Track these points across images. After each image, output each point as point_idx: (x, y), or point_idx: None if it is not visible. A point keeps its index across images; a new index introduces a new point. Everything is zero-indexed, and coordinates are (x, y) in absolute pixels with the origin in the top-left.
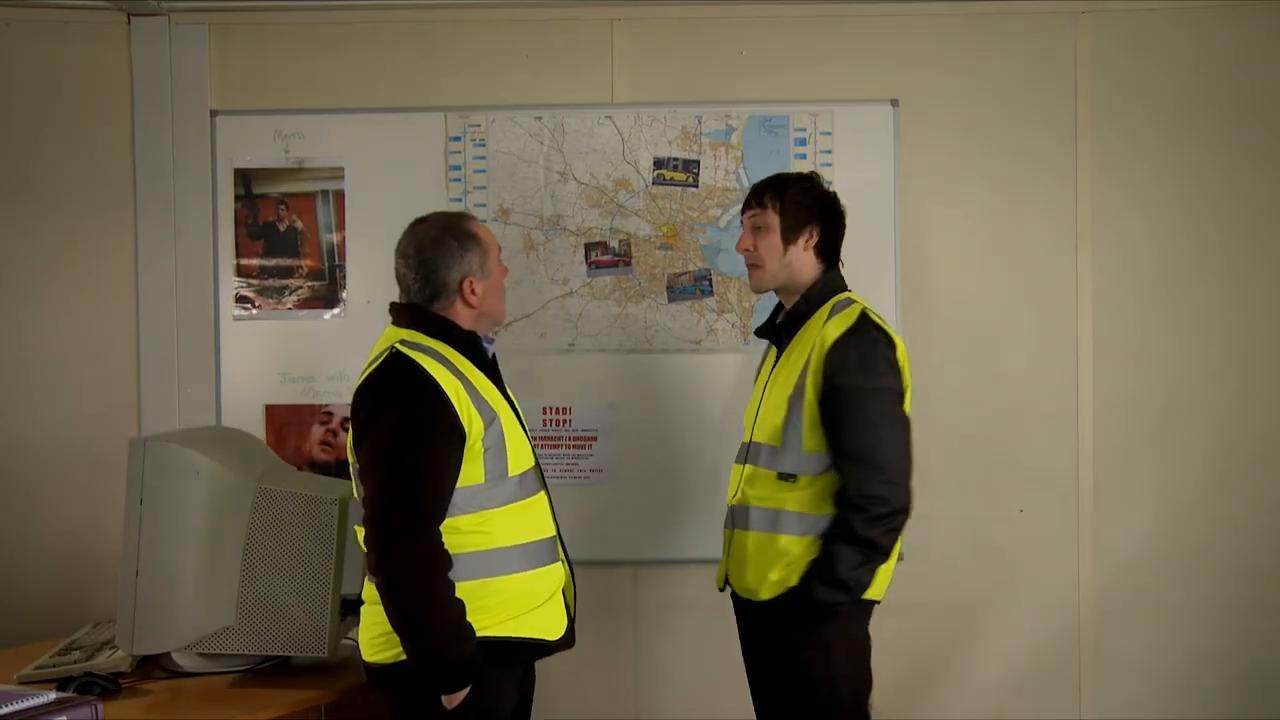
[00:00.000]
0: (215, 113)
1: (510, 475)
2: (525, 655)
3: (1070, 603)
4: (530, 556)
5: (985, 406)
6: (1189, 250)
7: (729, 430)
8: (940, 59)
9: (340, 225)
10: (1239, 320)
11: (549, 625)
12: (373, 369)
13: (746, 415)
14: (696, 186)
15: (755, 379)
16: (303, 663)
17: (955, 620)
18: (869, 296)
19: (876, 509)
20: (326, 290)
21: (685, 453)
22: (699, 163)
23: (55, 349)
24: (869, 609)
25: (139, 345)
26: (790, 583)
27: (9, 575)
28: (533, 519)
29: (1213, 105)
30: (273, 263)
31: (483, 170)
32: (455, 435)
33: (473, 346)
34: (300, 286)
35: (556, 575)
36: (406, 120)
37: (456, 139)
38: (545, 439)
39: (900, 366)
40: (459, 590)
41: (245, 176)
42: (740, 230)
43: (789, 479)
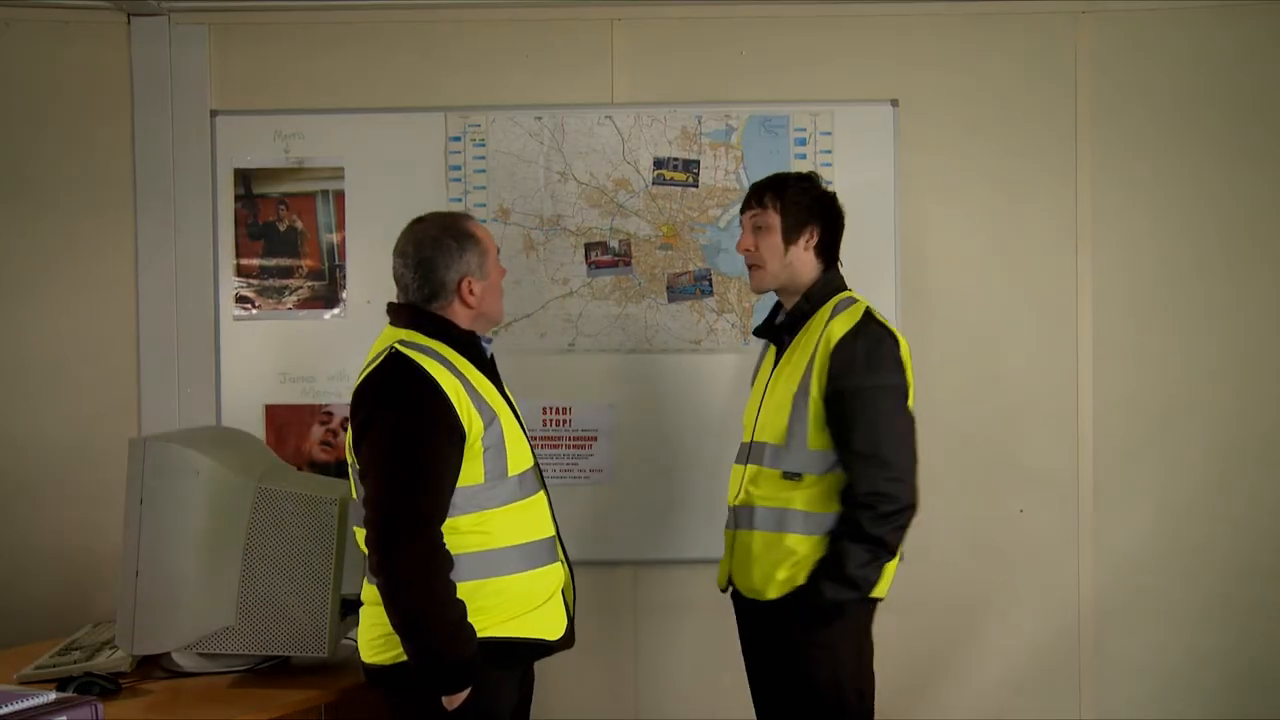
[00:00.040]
0: (215, 113)
1: (510, 475)
2: (525, 655)
3: (1070, 603)
4: (530, 557)
5: (985, 406)
6: (1189, 250)
7: (729, 430)
8: (940, 59)
9: (340, 225)
10: (1239, 320)
11: (549, 625)
12: (372, 369)
13: (746, 415)
14: (696, 186)
15: (753, 379)
16: (303, 663)
17: (955, 620)
18: (869, 296)
19: (884, 506)
20: (326, 290)
21: (685, 453)
22: (699, 163)
23: (55, 349)
24: (873, 608)
25: (139, 345)
26: (798, 581)
27: (9, 575)
28: (532, 519)
29: (1213, 105)
30: (273, 263)
31: (483, 170)
32: (455, 435)
33: (471, 346)
34: (300, 286)
35: (556, 575)
36: (406, 120)
37: (456, 139)
38: (545, 439)
39: (904, 364)
40: (459, 591)
41: (245, 176)
42: (740, 230)
43: (794, 478)
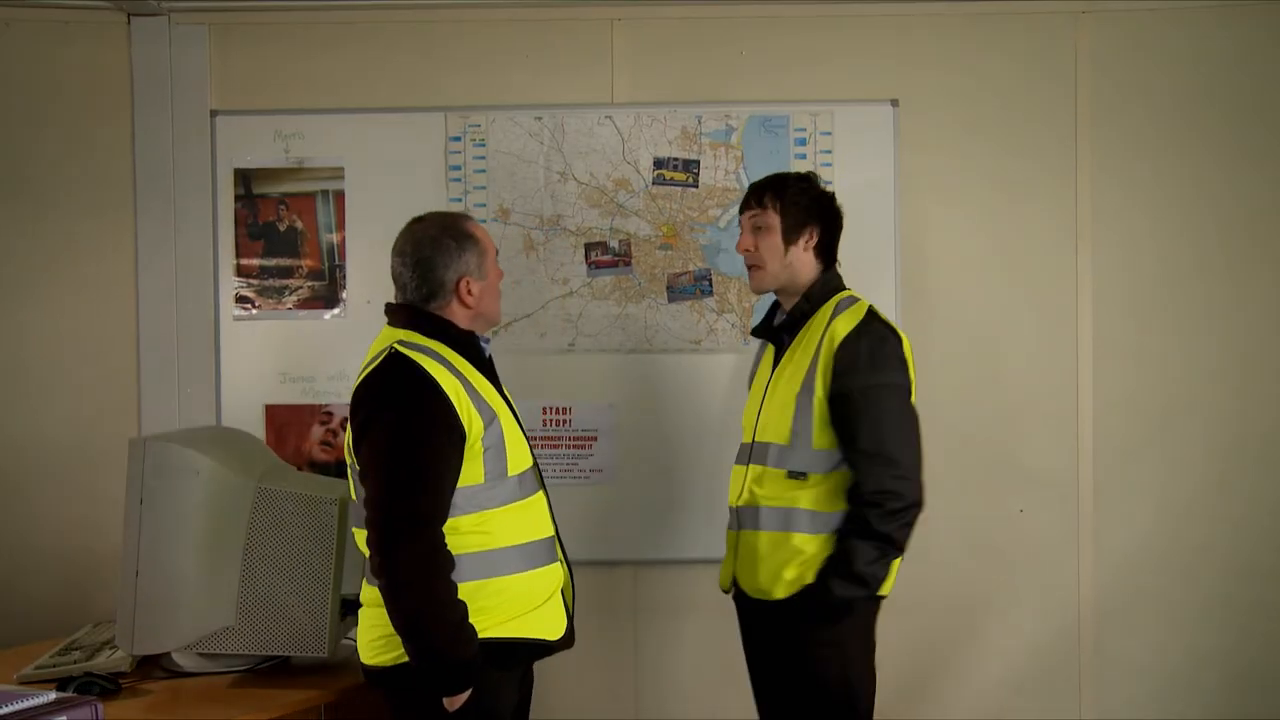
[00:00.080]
0: (215, 113)
1: (510, 475)
2: (525, 656)
3: (1070, 603)
4: (529, 557)
5: (985, 406)
6: (1189, 250)
7: (729, 430)
8: (940, 59)
9: (340, 225)
10: (1239, 320)
11: (549, 625)
12: (371, 369)
13: (746, 416)
14: (696, 186)
15: (750, 380)
16: (303, 663)
17: (955, 620)
18: (869, 296)
19: (891, 504)
20: (326, 290)
21: (685, 453)
22: (699, 163)
23: (55, 349)
24: (878, 606)
25: (139, 345)
26: (806, 580)
27: (9, 575)
28: (532, 519)
29: (1213, 105)
30: (273, 263)
31: (483, 170)
32: (455, 435)
33: (470, 346)
34: (300, 286)
35: (555, 575)
36: (406, 120)
37: (456, 139)
38: (545, 439)
39: (907, 362)
40: (460, 591)
41: (245, 176)
42: (739, 230)
43: (799, 477)
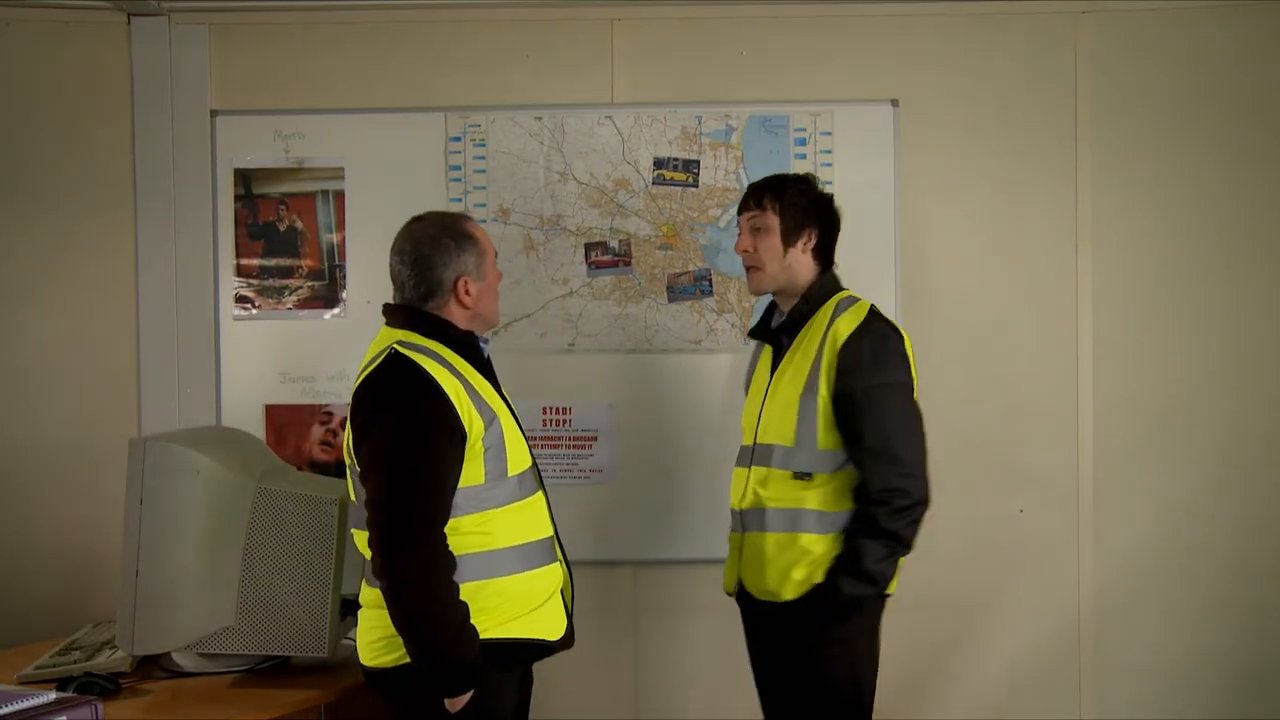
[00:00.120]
0: (215, 113)
1: (510, 475)
2: (525, 656)
3: (1070, 603)
4: (528, 557)
5: (985, 406)
6: (1189, 250)
7: (729, 430)
8: (940, 59)
9: (340, 225)
10: (1239, 320)
11: (548, 626)
12: (371, 370)
13: (746, 418)
14: (696, 186)
15: (746, 382)
16: (303, 663)
17: (955, 620)
18: (869, 296)
19: (898, 502)
20: (326, 290)
21: (685, 453)
22: (699, 163)
23: (55, 349)
24: (884, 604)
25: (139, 345)
26: (816, 580)
27: (9, 575)
28: (531, 519)
29: (1213, 105)
30: (273, 263)
31: (483, 170)
32: (456, 436)
33: (469, 347)
34: (300, 286)
35: (555, 575)
36: (406, 120)
37: (456, 139)
38: (545, 439)
39: (909, 360)
40: (462, 592)
41: (245, 176)
42: (738, 231)
43: (805, 477)
